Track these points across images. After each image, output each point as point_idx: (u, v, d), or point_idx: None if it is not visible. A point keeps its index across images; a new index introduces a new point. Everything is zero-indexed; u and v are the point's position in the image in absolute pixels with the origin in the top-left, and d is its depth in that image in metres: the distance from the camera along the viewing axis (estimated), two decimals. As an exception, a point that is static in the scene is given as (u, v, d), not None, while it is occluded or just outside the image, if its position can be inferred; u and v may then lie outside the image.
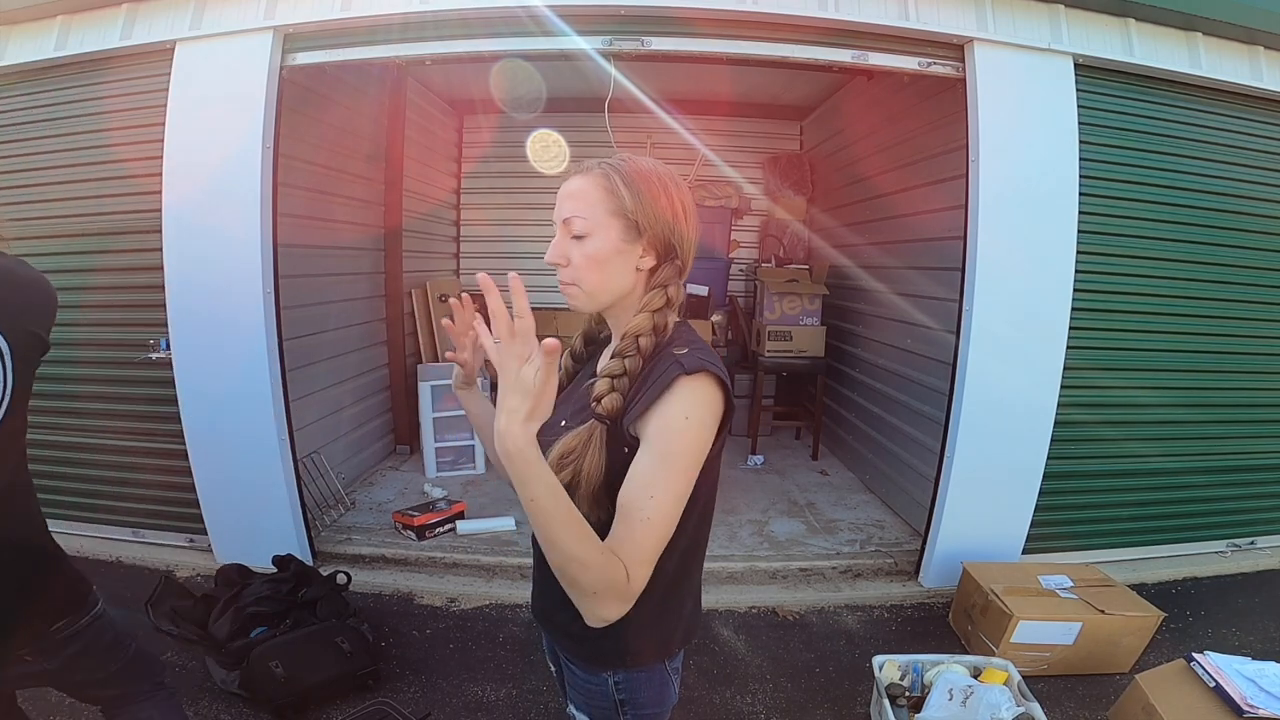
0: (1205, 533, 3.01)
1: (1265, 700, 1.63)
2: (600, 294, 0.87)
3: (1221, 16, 2.42)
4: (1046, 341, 2.50)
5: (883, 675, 1.94)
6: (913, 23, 2.34)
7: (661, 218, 0.85)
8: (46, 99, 2.67)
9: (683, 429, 0.76)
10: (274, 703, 1.93)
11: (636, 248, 0.86)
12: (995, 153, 2.39)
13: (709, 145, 4.70)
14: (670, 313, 0.86)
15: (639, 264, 0.87)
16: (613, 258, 0.85)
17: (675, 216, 0.86)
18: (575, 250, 0.85)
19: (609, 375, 0.83)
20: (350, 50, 2.44)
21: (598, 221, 0.83)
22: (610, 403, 0.81)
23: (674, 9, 2.30)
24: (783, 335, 4.03)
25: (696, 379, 0.77)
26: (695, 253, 0.92)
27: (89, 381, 2.78)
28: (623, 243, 0.84)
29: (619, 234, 0.84)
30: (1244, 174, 2.70)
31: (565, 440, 0.81)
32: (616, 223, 0.84)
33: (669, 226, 0.86)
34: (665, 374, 0.78)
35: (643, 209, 0.84)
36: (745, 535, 3.10)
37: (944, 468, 2.62)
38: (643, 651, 0.93)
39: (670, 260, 0.88)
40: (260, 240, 2.43)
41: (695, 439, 0.77)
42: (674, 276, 0.88)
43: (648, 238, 0.85)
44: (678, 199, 0.87)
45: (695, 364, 0.78)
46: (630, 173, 0.84)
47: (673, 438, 0.76)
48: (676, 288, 0.88)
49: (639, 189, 0.84)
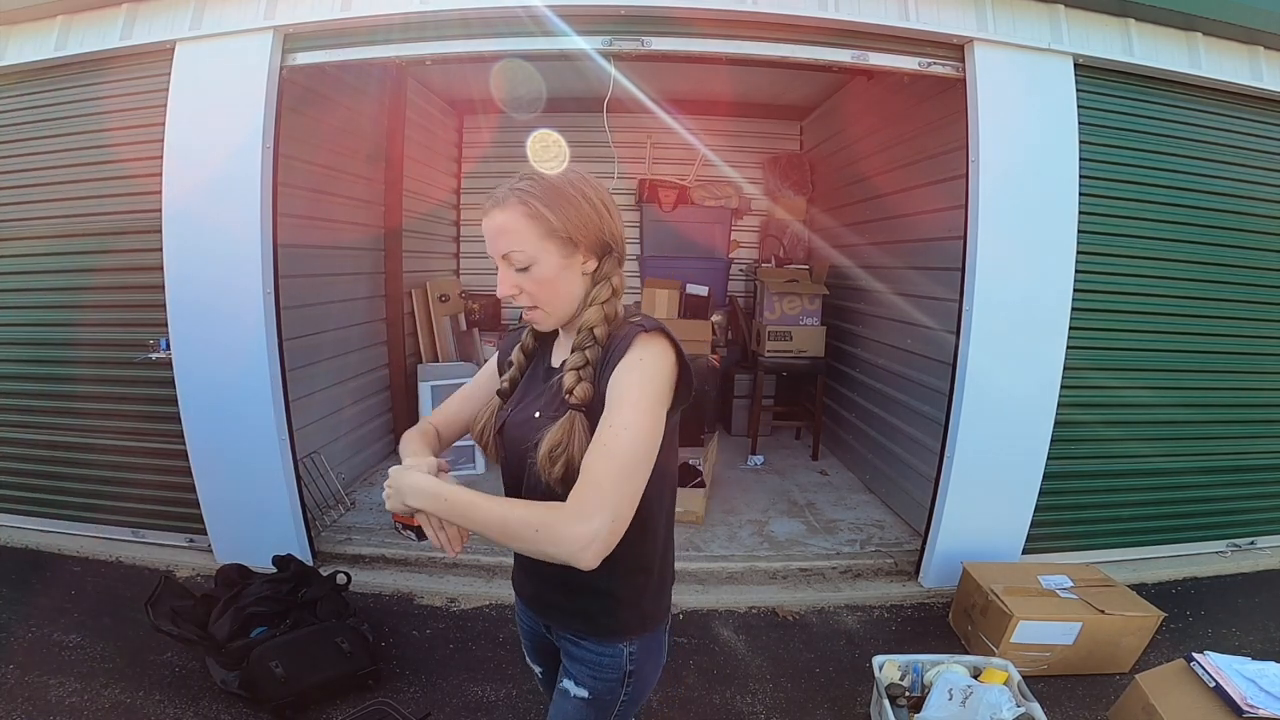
0: (1205, 533, 3.00)
1: (1265, 700, 1.63)
2: (564, 309, 0.94)
3: (1221, 16, 2.42)
4: (1046, 341, 2.50)
5: (883, 675, 1.94)
6: (913, 23, 2.34)
7: (589, 223, 0.90)
8: (46, 99, 2.67)
9: (635, 367, 0.83)
10: (274, 703, 1.93)
11: (577, 257, 0.91)
12: (995, 153, 2.39)
13: (709, 145, 4.70)
14: (617, 300, 0.94)
15: (583, 269, 0.93)
16: (561, 275, 0.91)
17: (600, 216, 0.91)
18: (524, 280, 0.91)
19: (574, 368, 0.89)
20: (350, 50, 2.44)
21: (535, 249, 0.88)
22: (581, 391, 0.87)
23: (674, 9, 2.30)
24: (783, 335, 4.03)
25: (653, 335, 0.86)
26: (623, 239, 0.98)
27: (89, 381, 2.78)
28: (564, 259, 0.90)
29: (558, 253, 0.89)
30: (1244, 174, 2.70)
31: (551, 435, 0.86)
32: (552, 244, 0.89)
33: (598, 228, 0.91)
34: (626, 337, 0.87)
35: (570, 222, 0.88)
36: (745, 535, 3.10)
37: (944, 468, 2.61)
38: (654, 615, 1.02)
39: (608, 254, 0.94)
40: (260, 240, 2.43)
41: (649, 379, 0.83)
42: (614, 267, 0.95)
43: (584, 246, 0.91)
44: (596, 198, 0.91)
45: (650, 324, 0.87)
46: (546, 192, 0.88)
47: (628, 379, 0.83)
48: (620, 276, 0.96)
49: (559, 205, 0.88)
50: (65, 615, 2.40)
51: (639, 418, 0.81)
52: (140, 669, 2.13)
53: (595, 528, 0.75)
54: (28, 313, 2.82)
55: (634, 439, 0.80)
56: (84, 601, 2.50)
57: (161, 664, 2.15)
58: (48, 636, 2.27)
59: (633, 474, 0.80)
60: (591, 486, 0.78)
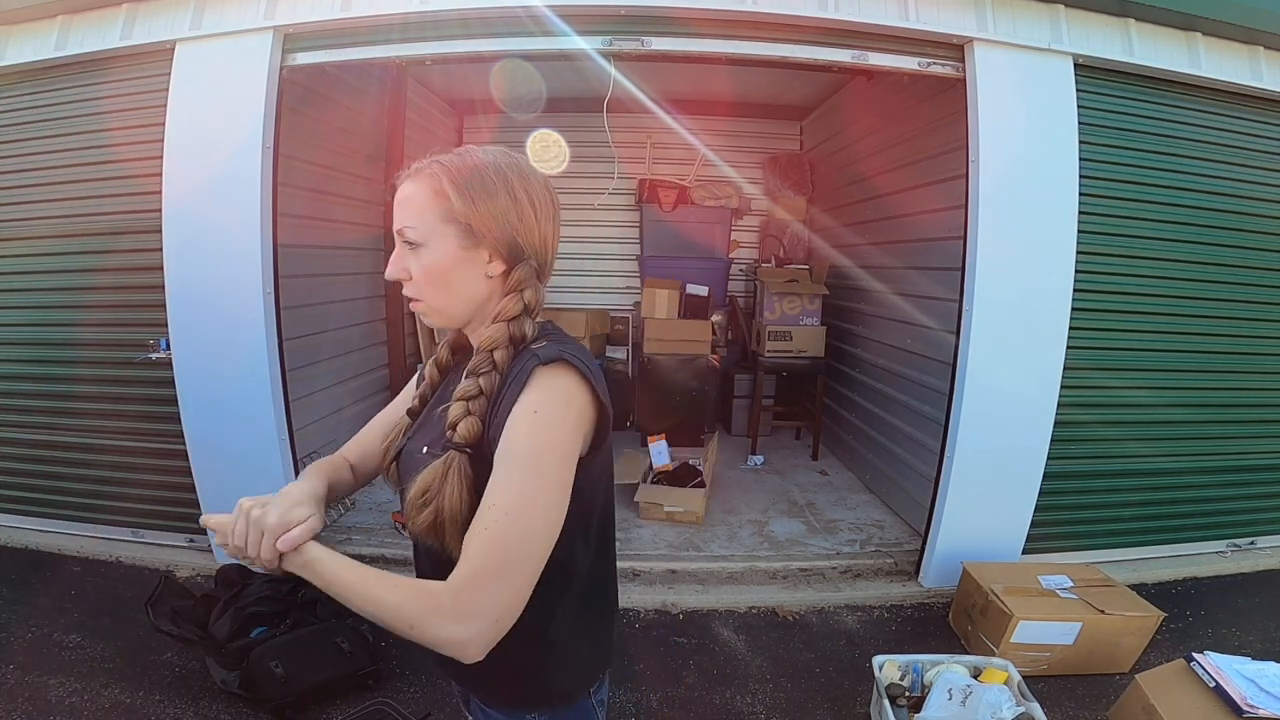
0: (1205, 533, 3.00)
1: (1265, 700, 1.63)
2: (451, 309, 0.80)
3: (1221, 16, 2.42)
4: (1046, 341, 2.50)
5: (883, 675, 1.94)
6: (912, 23, 2.34)
7: (502, 218, 0.76)
8: (47, 99, 2.67)
9: (530, 425, 0.68)
10: (274, 703, 1.93)
11: (481, 255, 0.77)
12: (995, 153, 2.39)
13: (709, 145, 4.69)
14: (527, 320, 0.78)
15: (488, 271, 0.78)
16: (455, 268, 0.76)
17: (520, 215, 0.77)
18: (414, 263, 0.77)
19: (463, 398, 0.74)
20: (350, 50, 2.44)
21: (430, 230, 0.75)
22: (466, 429, 0.72)
23: (674, 9, 2.30)
24: (783, 335, 4.03)
25: (553, 369, 0.71)
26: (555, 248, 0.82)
27: (89, 381, 2.78)
28: (462, 250, 0.76)
29: (456, 242, 0.75)
30: (1244, 174, 2.70)
31: (422, 476, 0.72)
32: (451, 229, 0.75)
33: (512, 227, 0.77)
34: (521, 370, 0.72)
35: (476, 211, 0.75)
36: (745, 535, 3.10)
37: (944, 468, 2.61)
38: (564, 687, 0.86)
39: (523, 262, 0.79)
40: (260, 240, 2.43)
41: (547, 436, 0.68)
42: (530, 279, 0.79)
43: (489, 242, 0.76)
44: (522, 193, 0.77)
45: (551, 354, 0.71)
46: (461, 170, 0.75)
47: (520, 436, 0.68)
48: (534, 290, 0.79)
49: (472, 189, 0.75)
50: (65, 615, 2.40)
51: (531, 490, 0.67)
52: (140, 669, 2.13)
53: (476, 630, 0.63)
54: (28, 313, 2.82)
55: (526, 520, 0.66)
56: (84, 601, 2.50)
57: (161, 664, 2.15)
58: (48, 636, 2.27)
59: (523, 563, 0.66)
60: (472, 579, 0.64)
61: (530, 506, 0.66)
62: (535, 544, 0.67)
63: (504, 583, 0.65)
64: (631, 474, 3.38)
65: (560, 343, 0.77)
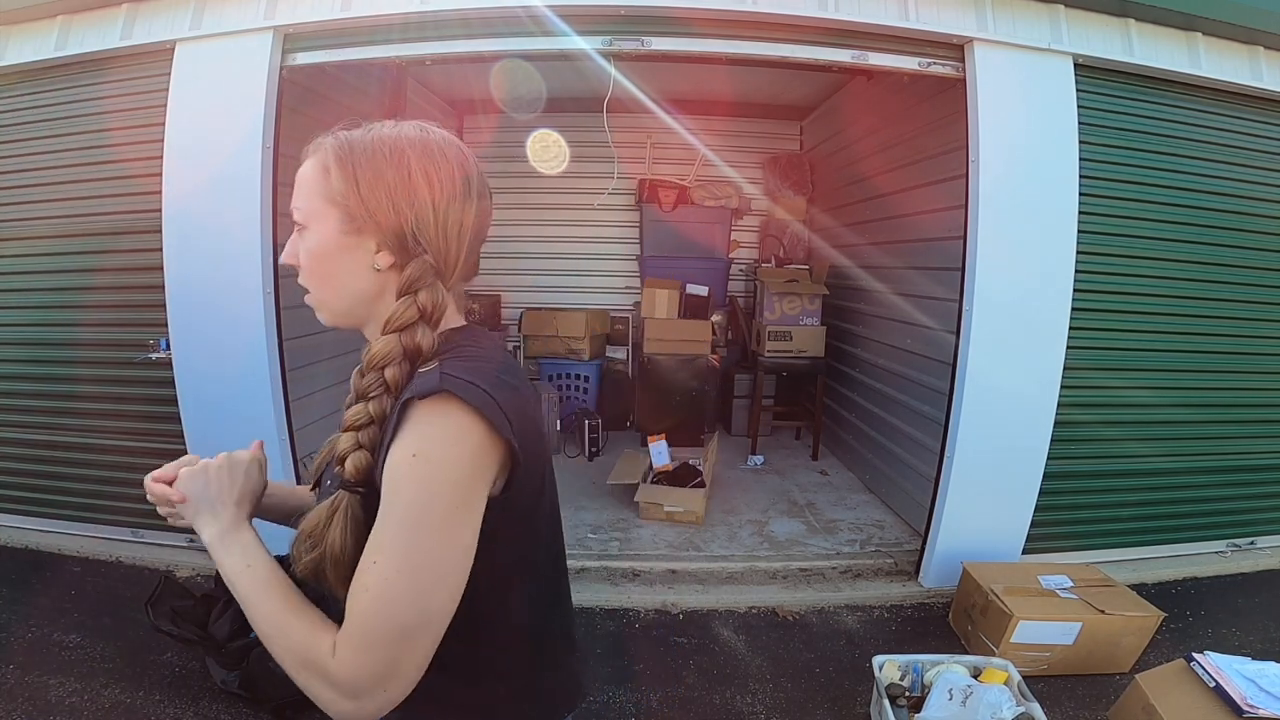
0: (1205, 533, 3.00)
1: (1265, 700, 1.63)
2: (335, 304, 0.70)
3: (1221, 16, 2.42)
4: (1046, 341, 2.50)
5: (883, 675, 1.94)
6: (912, 23, 2.34)
7: (391, 201, 0.65)
8: (47, 99, 2.67)
9: (410, 473, 0.57)
10: (274, 702, 1.93)
11: (365, 243, 0.67)
12: (995, 153, 2.39)
13: (709, 145, 4.70)
14: (424, 328, 0.66)
15: (375, 263, 0.67)
16: (335, 256, 0.67)
17: (413, 198, 0.65)
18: (301, 247, 0.69)
19: (350, 427, 0.64)
20: (350, 50, 2.45)
21: (313, 211, 0.67)
22: (355, 464, 0.63)
23: (674, 9, 2.30)
24: (783, 335, 4.03)
25: (432, 404, 0.58)
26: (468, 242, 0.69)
27: (89, 381, 2.78)
28: (343, 236, 0.66)
29: (337, 226, 0.66)
30: (1244, 174, 2.70)
31: (308, 518, 0.64)
32: (333, 212, 0.66)
33: (399, 212, 0.65)
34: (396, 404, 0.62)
35: (355, 191, 0.65)
36: (745, 535, 3.10)
37: (944, 468, 2.61)
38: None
39: (418, 257, 0.66)
40: (260, 240, 2.43)
41: (431, 485, 0.57)
42: (426, 278, 0.66)
43: (373, 229, 0.66)
44: (420, 174, 0.65)
45: (429, 384, 0.59)
46: (348, 145, 0.66)
47: (398, 486, 0.58)
48: (432, 292, 0.66)
49: (359, 165, 0.65)
50: (65, 615, 2.40)
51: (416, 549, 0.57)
52: (140, 669, 2.13)
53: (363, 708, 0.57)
54: (28, 313, 2.82)
55: (411, 583, 0.56)
56: (84, 601, 2.50)
57: (161, 664, 2.16)
58: (48, 636, 2.27)
59: (413, 631, 0.57)
60: (360, 650, 0.57)
61: (416, 569, 0.57)
62: (425, 608, 0.57)
63: (388, 652, 0.56)
64: (631, 474, 3.38)
65: (465, 359, 0.65)
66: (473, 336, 0.71)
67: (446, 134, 0.70)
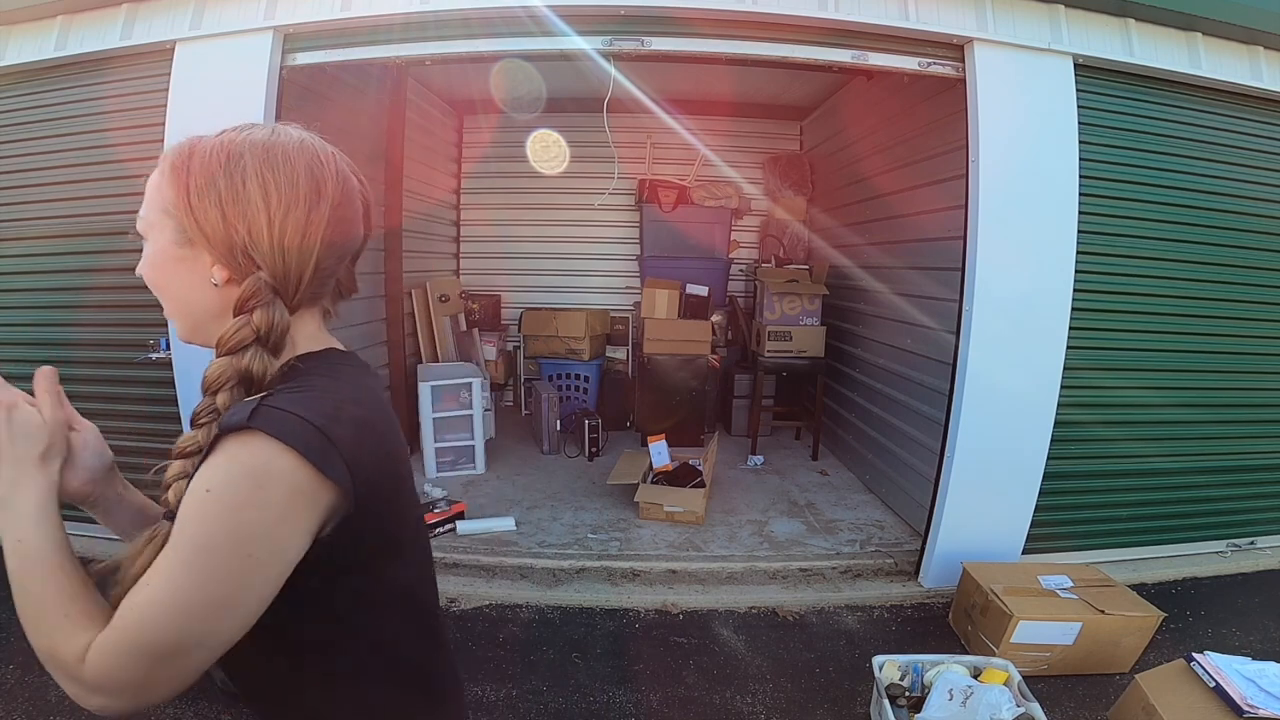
0: (1205, 533, 3.00)
1: (1265, 700, 1.63)
2: (179, 318, 0.66)
3: (1221, 16, 2.42)
4: (1046, 341, 2.50)
5: (883, 675, 1.94)
6: (912, 23, 2.34)
7: (215, 212, 0.60)
8: (47, 99, 2.67)
9: (200, 509, 0.53)
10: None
11: (200, 257, 0.62)
12: (995, 153, 2.39)
13: (709, 145, 4.70)
14: (254, 352, 0.60)
15: (214, 278, 0.62)
16: (171, 268, 0.63)
17: (245, 209, 0.60)
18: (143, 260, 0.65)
19: (180, 454, 0.61)
20: (350, 50, 2.45)
21: (151, 220, 0.63)
22: (178, 492, 0.59)
23: (674, 9, 2.30)
24: (783, 335, 4.03)
25: (240, 440, 0.54)
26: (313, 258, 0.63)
27: (89, 381, 2.77)
28: (177, 248, 0.62)
29: (171, 237, 0.62)
30: (1244, 174, 2.70)
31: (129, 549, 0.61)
32: (169, 222, 0.62)
33: (229, 224, 0.60)
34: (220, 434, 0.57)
35: (185, 202, 0.60)
36: (745, 535, 3.10)
37: (944, 468, 2.61)
38: None
39: (254, 274, 0.61)
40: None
41: (219, 526, 0.53)
42: (263, 296, 0.60)
43: (203, 242, 0.61)
44: (256, 183, 0.60)
45: (238, 418, 0.54)
46: (189, 152, 0.62)
47: (188, 518, 0.54)
48: (267, 311, 0.60)
49: (186, 174, 0.60)
50: (65, 615, 2.40)
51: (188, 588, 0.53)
52: (140, 669, 2.13)
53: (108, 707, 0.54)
54: (28, 313, 2.82)
55: (176, 615, 0.53)
56: (84, 601, 2.50)
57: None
58: (48, 636, 2.27)
59: (174, 654, 0.53)
60: (111, 661, 0.53)
61: (186, 603, 0.53)
62: (187, 636, 0.53)
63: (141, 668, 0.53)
64: (631, 474, 3.38)
65: (304, 390, 0.60)
66: (327, 361, 0.67)
67: (306, 137, 0.65)
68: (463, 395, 3.75)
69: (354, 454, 0.58)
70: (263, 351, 0.60)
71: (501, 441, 4.26)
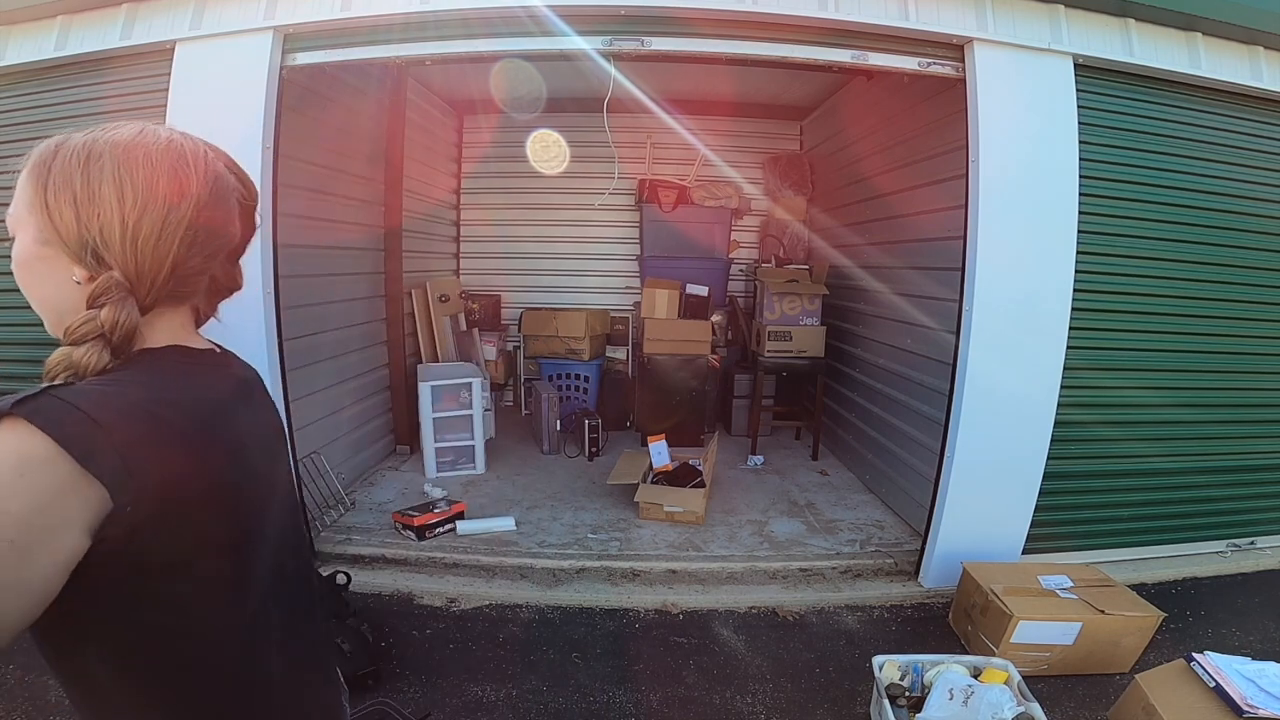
0: (1205, 533, 3.00)
1: (1265, 700, 1.63)
2: (44, 315, 0.66)
3: (1221, 16, 2.42)
4: (1046, 341, 2.50)
5: (883, 675, 1.94)
6: (912, 23, 2.34)
7: (70, 211, 0.60)
8: (47, 99, 2.67)
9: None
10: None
11: (60, 256, 0.62)
12: (995, 153, 2.39)
13: (709, 145, 4.71)
14: (92, 347, 0.59)
15: (75, 277, 0.62)
16: (32, 266, 0.63)
17: (95, 207, 0.60)
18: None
19: None
20: (350, 50, 2.45)
21: (16, 218, 0.63)
22: None
23: (674, 9, 2.31)
24: (783, 335, 4.03)
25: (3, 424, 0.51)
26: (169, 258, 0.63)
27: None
28: (38, 246, 0.62)
29: (33, 235, 0.62)
30: (1244, 174, 2.70)
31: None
32: (31, 220, 0.62)
33: (82, 223, 0.60)
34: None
35: (43, 200, 0.61)
36: (745, 535, 3.10)
37: (944, 468, 2.62)
38: None
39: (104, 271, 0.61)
40: (260, 240, 2.42)
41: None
42: (114, 294, 0.60)
43: (60, 240, 0.61)
44: (111, 181, 0.60)
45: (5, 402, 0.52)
46: (53, 152, 0.62)
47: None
48: (116, 309, 0.60)
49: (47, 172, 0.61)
50: (65, 615, 2.40)
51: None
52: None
53: None
54: (28, 313, 2.80)
55: None
56: (84, 601, 2.50)
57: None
58: (48, 636, 2.27)
59: None
60: None
61: None
62: None
63: None
64: (631, 474, 3.38)
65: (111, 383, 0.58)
66: (159, 358, 0.65)
67: (175, 136, 0.65)
68: (463, 395, 3.76)
69: (138, 453, 0.54)
70: (96, 345, 0.59)
71: (501, 441, 4.26)
